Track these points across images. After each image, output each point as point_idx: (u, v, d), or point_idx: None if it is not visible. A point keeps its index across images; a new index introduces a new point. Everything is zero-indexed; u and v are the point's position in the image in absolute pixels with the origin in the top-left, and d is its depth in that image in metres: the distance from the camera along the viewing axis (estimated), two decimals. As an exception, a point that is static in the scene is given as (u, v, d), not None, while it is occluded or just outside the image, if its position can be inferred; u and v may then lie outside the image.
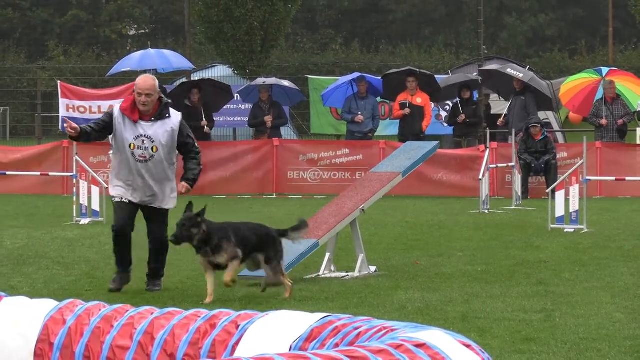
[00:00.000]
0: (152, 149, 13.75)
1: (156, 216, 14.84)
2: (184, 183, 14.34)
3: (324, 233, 20.30)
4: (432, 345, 7.37)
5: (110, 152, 14.99)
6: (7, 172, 24.85)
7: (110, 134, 14.89)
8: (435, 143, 24.06)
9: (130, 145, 13.99)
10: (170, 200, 14.88)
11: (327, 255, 20.18)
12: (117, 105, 14.81)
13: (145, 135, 13.81)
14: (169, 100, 15.02)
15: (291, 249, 18.41)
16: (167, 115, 14.19)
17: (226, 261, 16.78)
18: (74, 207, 29.09)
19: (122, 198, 14.40)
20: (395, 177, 21.95)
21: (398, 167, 22.27)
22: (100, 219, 28.52)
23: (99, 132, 14.92)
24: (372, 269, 20.43)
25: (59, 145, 36.27)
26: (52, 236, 26.72)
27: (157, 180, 14.28)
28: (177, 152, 14.65)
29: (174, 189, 14.78)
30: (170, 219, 17.71)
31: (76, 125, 14.44)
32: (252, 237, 16.80)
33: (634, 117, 41.22)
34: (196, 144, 14.90)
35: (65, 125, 14.44)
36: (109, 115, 14.65)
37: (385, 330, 8.15)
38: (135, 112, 14.16)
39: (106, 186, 29.78)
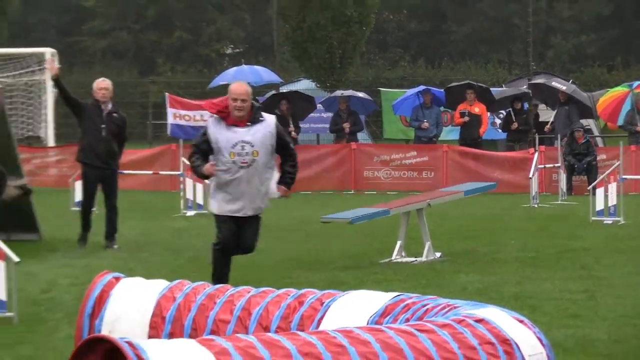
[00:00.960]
0: (253, 153, 12.86)
1: (253, 222, 13.68)
2: (282, 186, 13.34)
3: (395, 206, 21.28)
4: (489, 320, 8.46)
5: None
6: (124, 171, 25.10)
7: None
8: (493, 184, 25.00)
9: (230, 154, 12.97)
10: (267, 203, 13.76)
11: (399, 242, 20.30)
12: (209, 119, 13.96)
13: (244, 141, 12.84)
14: (260, 104, 14.22)
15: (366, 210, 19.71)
16: (261, 118, 13.18)
17: None
18: (181, 201, 29.47)
19: (224, 212, 13.32)
20: (458, 193, 22.94)
21: (462, 188, 23.53)
22: (204, 212, 28.18)
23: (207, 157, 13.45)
24: (437, 254, 20.59)
25: (168, 148, 36.78)
26: (163, 226, 27.11)
27: (259, 185, 13.27)
28: (275, 155, 13.46)
29: (268, 192, 13.68)
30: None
31: (215, 167, 13.22)
32: None
33: None
34: (293, 146, 13.95)
35: (206, 169, 13.33)
36: (204, 136, 13.47)
37: (449, 308, 9.01)
38: (230, 119, 13.12)
39: (209, 182, 30.32)
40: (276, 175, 13.72)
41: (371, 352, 7.81)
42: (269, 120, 13.06)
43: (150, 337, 10.49)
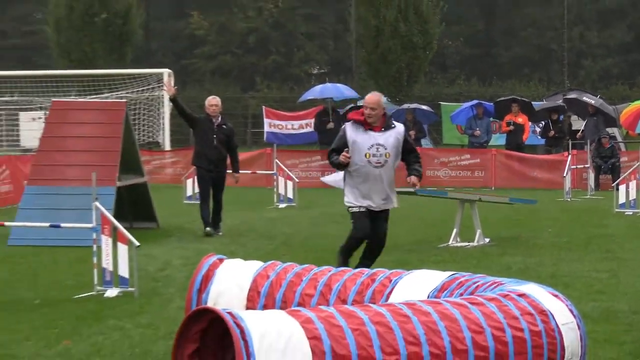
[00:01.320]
0: (385, 155, 12.47)
1: (382, 214, 13.04)
2: (413, 177, 12.84)
3: (452, 194, 22.95)
4: (529, 294, 8.60)
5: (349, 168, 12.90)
6: (228, 171, 25.52)
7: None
8: (534, 200, 24.67)
9: (365, 155, 12.54)
10: (395, 200, 13.26)
11: (455, 230, 20.39)
12: (346, 124, 13.24)
13: (378, 144, 12.45)
14: (390, 114, 13.71)
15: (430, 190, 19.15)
16: (393, 125, 12.80)
17: None
18: (274, 195, 29.76)
19: (360, 208, 12.74)
20: (505, 199, 23.53)
21: (509, 196, 24.41)
22: (293, 204, 29.09)
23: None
24: (486, 240, 20.59)
25: (264, 151, 37.34)
26: (259, 217, 27.06)
27: (389, 183, 12.77)
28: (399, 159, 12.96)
29: (394, 190, 13.22)
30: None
31: (349, 156, 12.70)
32: None
33: None
34: (417, 150, 13.48)
35: (341, 158, 12.71)
36: (342, 138, 12.97)
37: (495, 284, 9.13)
38: (367, 124, 12.68)
39: (297, 180, 30.93)
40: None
41: (431, 321, 7.93)
42: (399, 127, 12.78)
43: (247, 308, 10.51)
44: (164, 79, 35.42)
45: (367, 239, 12.71)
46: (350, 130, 12.46)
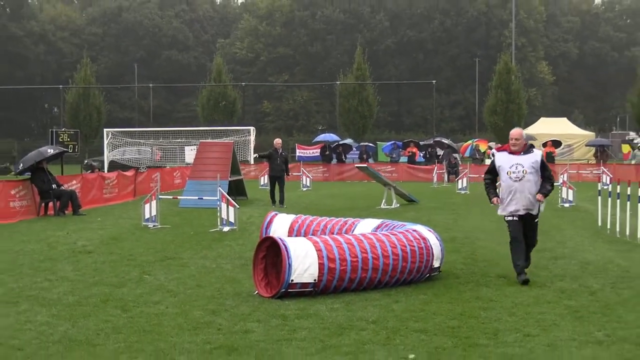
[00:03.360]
0: (523, 172, 11.37)
1: (531, 222, 11.71)
2: (539, 194, 11.46)
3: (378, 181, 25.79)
4: (418, 230, 11.66)
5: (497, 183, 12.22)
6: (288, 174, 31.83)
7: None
8: (417, 200, 25.86)
9: (507, 172, 11.57)
10: (537, 207, 11.72)
11: (383, 200, 24.52)
12: (497, 153, 12.42)
13: (517, 163, 11.49)
14: (532, 143, 12.29)
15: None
16: (532, 151, 11.79)
17: None
18: (301, 184, 33.08)
19: (512, 217, 11.53)
20: (405, 193, 25.57)
21: (408, 194, 26.11)
22: (310, 189, 31.18)
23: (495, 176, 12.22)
24: (397, 205, 24.25)
25: (297, 164, 37.42)
26: (295, 195, 32.14)
27: (528, 194, 11.43)
28: (539, 177, 11.72)
29: (536, 200, 11.61)
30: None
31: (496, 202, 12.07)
32: None
33: None
34: (551, 173, 12.02)
35: (493, 201, 12.02)
36: (492, 163, 12.29)
37: (401, 225, 12.38)
38: (511, 151, 11.80)
39: (311, 177, 39.41)
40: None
41: (371, 241, 10.84)
42: (537, 152, 11.95)
43: (288, 236, 12.87)
44: (251, 133, 44.98)
45: (520, 239, 11.70)
46: (498, 157, 12.17)
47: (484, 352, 7.56)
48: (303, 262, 10.10)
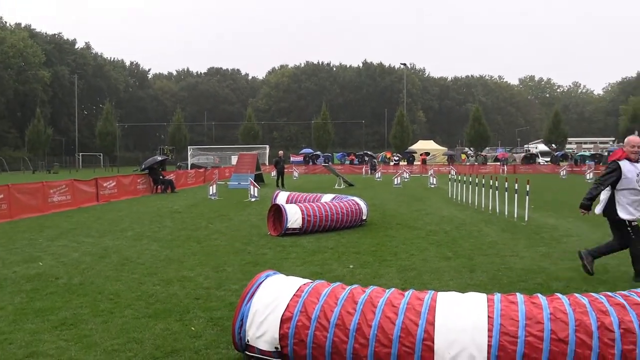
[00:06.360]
0: None
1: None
2: None
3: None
4: (358, 201, 10.10)
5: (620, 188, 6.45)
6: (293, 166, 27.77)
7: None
8: (354, 184, 23.66)
9: (637, 181, 6.26)
10: None
11: (336, 182, 23.73)
12: (621, 162, 6.34)
13: None
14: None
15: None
16: None
17: None
18: (292, 176, 31.08)
19: (636, 219, 6.31)
20: (348, 180, 24.30)
21: (350, 182, 24.98)
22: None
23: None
24: (344, 186, 22.97)
25: (290, 166, 42.73)
26: (288, 180, 29.22)
27: None
28: None
29: None
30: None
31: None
32: None
33: None
34: None
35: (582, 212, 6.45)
36: (613, 172, 6.37)
37: (352, 199, 12.50)
38: (633, 159, 6.42)
39: (298, 172, 35.53)
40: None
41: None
42: None
43: (286, 203, 12.28)
44: (267, 149, 45.59)
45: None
46: (623, 165, 6.46)
47: (389, 264, 7.45)
48: (294, 217, 9.77)
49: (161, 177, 21.96)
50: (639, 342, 3.20)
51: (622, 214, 6.33)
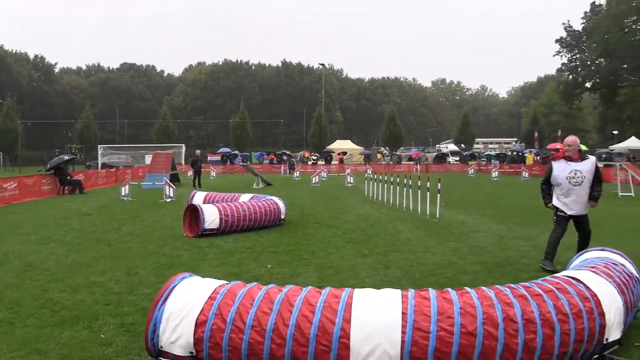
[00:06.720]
0: (582, 177, 7.01)
1: (583, 220, 7.06)
2: (592, 201, 7.16)
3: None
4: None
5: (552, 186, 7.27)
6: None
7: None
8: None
9: (566, 178, 7.01)
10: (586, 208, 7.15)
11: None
12: (552, 162, 7.17)
13: (576, 170, 7.06)
14: (585, 150, 8.55)
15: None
16: (587, 157, 7.18)
17: None
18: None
19: (563, 213, 7.06)
20: None
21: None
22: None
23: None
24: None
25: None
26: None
27: (584, 196, 7.07)
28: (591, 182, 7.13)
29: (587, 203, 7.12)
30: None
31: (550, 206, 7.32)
32: None
33: None
34: (602, 177, 7.27)
35: (548, 205, 7.26)
36: (549, 171, 7.24)
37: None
38: (567, 157, 7.10)
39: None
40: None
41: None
42: (592, 159, 7.18)
43: (202, 203, 12.20)
44: (182, 148, 43.63)
45: (563, 234, 7.18)
46: (555, 162, 7.32)
47: (307, 262, 7.48)
48: (211, 217, 9.60)
49: (68, 177, 21.22)
50: (538, 331, 3.40)
51: (554, 202, 7.32)
